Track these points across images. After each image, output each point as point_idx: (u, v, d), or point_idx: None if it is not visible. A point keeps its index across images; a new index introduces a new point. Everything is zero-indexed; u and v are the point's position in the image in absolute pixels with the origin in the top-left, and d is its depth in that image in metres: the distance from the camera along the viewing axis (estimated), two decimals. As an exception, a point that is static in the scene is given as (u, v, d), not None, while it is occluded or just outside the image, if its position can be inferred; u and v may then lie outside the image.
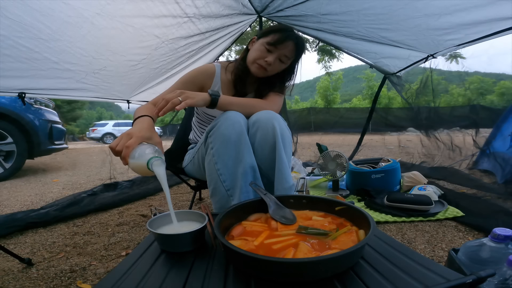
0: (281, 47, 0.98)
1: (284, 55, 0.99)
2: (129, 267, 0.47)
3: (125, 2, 1.19)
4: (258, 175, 0.88)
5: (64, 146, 3.62)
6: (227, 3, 1.54)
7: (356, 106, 22.74)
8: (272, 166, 0.90)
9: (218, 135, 0.85)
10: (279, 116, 0.94)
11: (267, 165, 0.91)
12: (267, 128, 0.88)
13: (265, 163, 0.91)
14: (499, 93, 23.85)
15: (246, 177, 0.84)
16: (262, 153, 0.90)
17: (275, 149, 0.88)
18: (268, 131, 0.88)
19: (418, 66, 2.27)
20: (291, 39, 0.98)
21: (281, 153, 0.88)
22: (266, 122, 0.89)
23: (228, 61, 1.15)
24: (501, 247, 0.65)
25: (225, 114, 0.88)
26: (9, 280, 0.94)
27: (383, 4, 1.51)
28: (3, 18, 0.98)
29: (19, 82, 1.35)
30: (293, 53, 1.01)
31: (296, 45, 1.00)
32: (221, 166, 0.85)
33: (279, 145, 0.87)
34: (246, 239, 0.52)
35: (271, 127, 0.88)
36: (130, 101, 2.26)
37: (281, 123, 0.91)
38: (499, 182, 1.94)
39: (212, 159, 0.86)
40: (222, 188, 0.86)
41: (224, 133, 0.84)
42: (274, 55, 0.98)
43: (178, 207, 1.77)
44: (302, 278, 0.41)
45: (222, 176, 0.86)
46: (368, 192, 1.61)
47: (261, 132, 0.89)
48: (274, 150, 0.88)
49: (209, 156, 0.87)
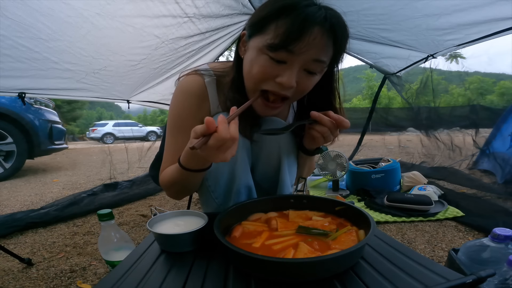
0: (302, 47, 0.53)
1: (313, 59, 0.55)
2: (129, 267, 0.47)
3: (125, 2, 1.18)
4: (253, 195, 0.76)
5: (64, 146, 3.62)
6: (227, 3, 1.54)
7: (356, 106, 22.74)
8: (274, 186, 0.78)
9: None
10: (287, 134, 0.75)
11: (269, 185, 0.79)
12: (272, 147, 0.74)
13: (267, 183, 0.79)
14: (499, 93, 23.87)
15: (239, 196, 0.74)
16: (264, 172, 0.78)
17: (279, 171, 0.76)
18: (272, 150, 0.74)
19: (418, 66, 2.27)
20: (317, 23, 0.51)
21: (285, 177, 0.76)
22: (270, 139, 0.74)
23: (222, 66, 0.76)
24: (501, 247, 0.65)
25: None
26: (9, 280, 0.94)
27: (383, 5, 1.51)
28: (3, 18, 0.97)
29: (19, 82, 1.35)
30: (330, 48, 0.55)
31: (331, 30, 0.53)
32: (212, 183, 0.74)
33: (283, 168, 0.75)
34: (249, 242, 0.52)
35: (277, 147, 0.74)
36: (130, 101, 2.26)
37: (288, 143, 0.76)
38: (499, 182, 1.94)
39: (205, 177, 0.73)
40: (214, 203, 0.77)
41: None
42: (294, 67, 0.55)
43: (178, 207, 1.78)
44: (302, 278, 0.41)
45: (214, 193, 0.75)
46: (368, 192, 1.61)
47: (264, 152, 0.76)
48: (278, 172, 0.76)
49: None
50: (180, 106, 0.72)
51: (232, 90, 0.67)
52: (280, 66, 0.56)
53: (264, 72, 0.57)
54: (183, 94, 0.72)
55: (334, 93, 0.69)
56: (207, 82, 0.72)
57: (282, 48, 0.53)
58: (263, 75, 0.58)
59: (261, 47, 0.56)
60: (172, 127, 0.73)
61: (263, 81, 0.59)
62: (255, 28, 0.58)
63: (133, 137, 13.88)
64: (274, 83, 0.58)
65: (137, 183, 2.36)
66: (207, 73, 0.72)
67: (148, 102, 2.50)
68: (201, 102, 0.72)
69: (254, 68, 0.58)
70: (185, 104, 0.72)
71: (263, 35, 0.56)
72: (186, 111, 0.71)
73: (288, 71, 0.55)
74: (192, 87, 0.71)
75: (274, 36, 0.53)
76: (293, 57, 0.54)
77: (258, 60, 0.57)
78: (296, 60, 0.55)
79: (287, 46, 0.52)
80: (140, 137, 14.42)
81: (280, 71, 0.56)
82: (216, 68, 0.74)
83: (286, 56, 0.54)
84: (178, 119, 0.72)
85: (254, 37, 0.58)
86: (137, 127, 15.74)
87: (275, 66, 0.56)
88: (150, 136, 15.02)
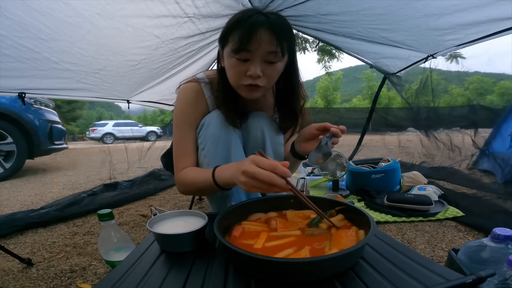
0: (255, 46, 0.68)
1: (267, 52, 0.70)
2: (129, 267, 0.47)
3: (125, 2, 1.18)
4: None
5: (64, 146, 3.62)
6: (227, 3, 1.54)
7: (356, 106, 22.78)
8: None
9: (207, 135, 0.82)
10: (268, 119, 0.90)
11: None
12: (257, 132, 0.87)
13: None
14: (499, 93, 23.89)
15: None
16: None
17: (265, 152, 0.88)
18: (257, 135, 0.87)
19: (418, 66, 2.27)
20: (259, 26, 0.67)
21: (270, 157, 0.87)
22: (255, 126, 0.87)
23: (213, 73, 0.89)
24: (501, 247, 0.65)
25: (212, 113, 0.85)
26: (9, 280, 0.94)
27: (383, 5, 1.51)
28: (3, 18, 0.97)
29: (19, 82, 1.35)
30: (275, 42, 0.69)
31: (273, 29, 0.68)
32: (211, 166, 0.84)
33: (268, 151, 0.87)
34: (249, 242, 0.52)
35: (260, 131, 0.87)
36: (130, 101, 2.26)
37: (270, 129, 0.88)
38: (499, 182, 1.95)
39: (204, 160, 0.84)
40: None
41: (214, 133, 0.82)
42: (255, 61, 0.71)
43: (178, 207, 1.78)
44: (302, 278, 0.41)
45: None
46: (368, 192, 1.61)
47: (251, 137, 0.88)
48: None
49: (201, 157, 0.85)
50: (182, 104, 0.86)
51: (219, 90, 0.83)
52: (246, 63, 0.72)
53: (237, 70, 0.74)
54: (185, 95, 0.86)
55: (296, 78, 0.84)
56: (203, 86, 0.87)
57: (241, 50, 0.69)
58: (237, 73, 0.74)
59: (229, 53, 0.73)
60: (177, 122, 0.87)
61: (239, 77, 0.75)
62: (222, 41, 0.76)
63: (133, 137, 13.87)
64: (247, 77, 0.73)
65: (137, 183, 2.36)
66: (202, 80, 0.88)
67: (148, 102, 2.50)
68: (199, 100, 0.87)
69: (231, 70, 0.76)
70: (186, 102, 0.86)
71: (228, 45, 0.73)
72: (188, 108, 0.86)
73: (252, 65, 0.72)
74: (191, 90, 0.87)
75: (234, 43, 0.69)
76: (252, 54, 0.70)
77: (230, 63, 0.74)
78: (255, 56, 0.71)
79: (244, 47, 0.69)
80: (140, 137, 14.41)
81: (247, 67, 0.72)
82: (210, 75, 0.89)
83: (247, 54, 0.71)
84: (182, 115, 0.86)
85: (224, 48, 0.75)
86: (137, 127, 15.72)
87: (242, 64, 0.72)
88: (150, 136, 15.02)
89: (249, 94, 0.77)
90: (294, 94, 0.87)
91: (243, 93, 0.78)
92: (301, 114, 0.92)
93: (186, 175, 0.82)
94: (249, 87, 0.75)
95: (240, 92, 0.78)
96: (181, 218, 0.61)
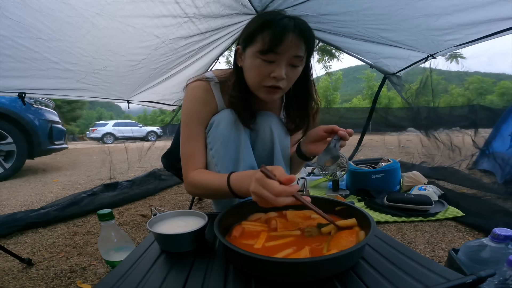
0: (284, 49, 0.69)
1: (293, 56, 0.71)
2: (129, 267, 0.47)
3: (125, 2, 1.18)
4: None
5: (64, 146, 3.62)
6: (227, 3, 1.54)
7: (356, 106, 22.79)
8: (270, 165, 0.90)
9: (217, 134, 0.82)
10: (277, 119, 0.90)
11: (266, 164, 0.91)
12: (265, 132, 0.87)
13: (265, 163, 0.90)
14: (499, 93, 23.88)
15: None
16: (260, 155, 0.89)
17: (273, 154, 0.88)
18: (266, 135, 0.87)
19: (418, 66, 2.26)
20: (291, 30, 0.68)
21: (278, 157, 0.87)
22: (264, 126, 0.87)
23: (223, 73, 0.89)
24: (501, 247, 0.65)
25: (222, 112, 0.84)
26: (9, 280, 0.94)
27: (383, 5, 1.51)
28: (3, 18, 0.97)
29: (19, 82, 1.35)
30: (304, 47, 0.71)
31: (301, 34, 0.69)
32: (221, 168, 0.83)
33: (276, 151, 0.87)
34: (249, 242, 0.52)
35: (269, 132, 0.87)
36: (130, 101, 2.26)
37: (278, 129, 0.89)
38: (499, 182, 1.95)
39: (212, 160, 0.84)
40: None
41: (224, 133, 0.81)
42: (281, 63, 0.71)
43: (178, 207, 1.78)
44: (302, 278, 0.41)
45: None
46: (368, 192, 1.61)
47: (260, 137, 0.88)
48: (272, 155, 0.88)
49: (209, 157, 0.85)
50: (192, 102, 0.85)
51: (235, 90, 0.82)
52: (271, 65, 0.72)
53: (261, 71, 0.73)
54: (194, 93, 0.85)
55: (311, 83, 0.86)
56: (212, 85, 0.85)
57: (270, 51, 0.69)
58: (260, 74, 0.74)
59: (254, 53, 0.72)
60: (187, 120, 0.85)
61: (262, 78, 0.74)
62: (247, 41, 0.74)
63: (133, 137, 13.86)
64: (270, 78, 0.73)
65: (137, 183, 2.36)
66: (212, 79, 0.86)
67: (148, 102, 2.50)
68: (209, 99, 0.85)
69: (253, 70, 0.75)
70: (196, 100, 0.84)
71: (254, 45, 0.72)
72: (198, 106, 0.84)
73: (278, 67, 0.72)
74: (201, 88, 0.85)
75: (262, 44, 0.70)
76: (279, 56, 0.71)
77: (254, 64, 0.73)
78: (281, 59, 0.71)
79: (273, 49, 0.69)
80: (140, 137, 14.41)
81: (272, 69, 0.72)
82: (219, 75, 0.88)
83: (274, 57, 0.71)
84: (191, 113, 0.85)
85: (248, 48, 0.74)
86: (137, 127, 15.71)
87: (267, 66, 0.72)
88: (150, 136, 15.01)
89: (268, 96, 0.77)
90: (309, 98, 0.87)
91: (262, 95, 0.78)
92: (314, 117, 0.92)
93: (198, 178, 0.81)
94: (269, 89, 0.75)
95: (259, 93, 0.78)
96: (181, 218, 0.61)
